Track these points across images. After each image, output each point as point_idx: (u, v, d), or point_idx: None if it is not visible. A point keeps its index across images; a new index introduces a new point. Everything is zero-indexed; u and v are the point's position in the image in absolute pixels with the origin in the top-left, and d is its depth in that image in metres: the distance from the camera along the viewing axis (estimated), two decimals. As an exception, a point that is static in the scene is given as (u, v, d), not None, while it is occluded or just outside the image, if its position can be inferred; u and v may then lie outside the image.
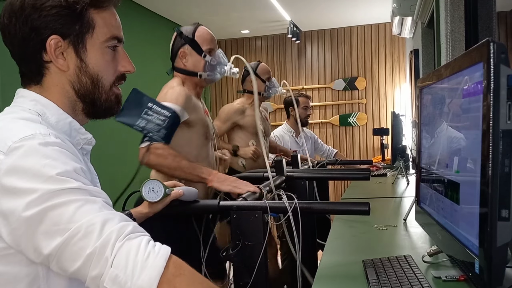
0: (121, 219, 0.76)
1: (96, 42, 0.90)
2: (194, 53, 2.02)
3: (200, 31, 2.05)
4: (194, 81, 2.04)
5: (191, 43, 2.01)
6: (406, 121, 4.14)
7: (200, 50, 2.02)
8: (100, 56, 0.91)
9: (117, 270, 0.70)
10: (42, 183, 0.73)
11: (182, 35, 2.03)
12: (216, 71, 2.06)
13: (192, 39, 2.02)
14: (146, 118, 1.76)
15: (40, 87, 0.90)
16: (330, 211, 1.73)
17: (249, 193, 1.58)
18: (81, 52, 0.89)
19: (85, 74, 0.90)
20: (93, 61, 0.90)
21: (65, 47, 0.88)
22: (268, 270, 1.37)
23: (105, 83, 0.92)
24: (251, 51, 5.92)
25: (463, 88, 0.98)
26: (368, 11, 4.94)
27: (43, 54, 0.87)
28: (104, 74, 0.92)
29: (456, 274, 1.10)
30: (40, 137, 0.78)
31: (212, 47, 2.05)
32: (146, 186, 1.26)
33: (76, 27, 0.87)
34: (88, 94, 0.91)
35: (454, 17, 2.05)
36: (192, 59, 2.02)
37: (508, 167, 0.79)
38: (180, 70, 2.04)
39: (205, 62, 2.02)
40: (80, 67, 0.89)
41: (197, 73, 2.02)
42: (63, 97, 0.91)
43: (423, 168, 1.37)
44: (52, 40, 0.86)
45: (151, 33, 4.57)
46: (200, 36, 2.03)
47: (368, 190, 2.80)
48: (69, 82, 0.90)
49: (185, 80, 2.04)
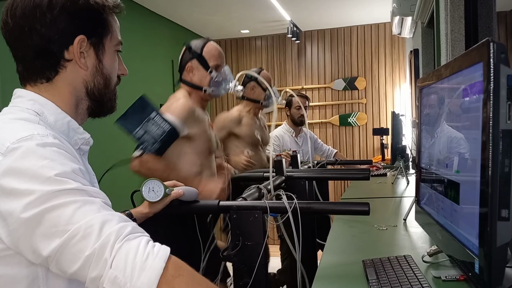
0: (120, 219, 0.76)
1: (111, 45, 0.95)
2: (201, 68, 2.06)
3: (208, 46, 2.09)
4: (199, 95, 2.09)
5: (199, 58, 2.06)
6: (406, 121, 4.14)
7: (207, 66, 2.06)
8: (112, 58, 0.97)
9: (116, 271, 0.70)
10: (40, 184, 0.73)
11: (191, 49, 2.08)
12: (221, 87, 2.10)
13: (200, 55, 2.06)
14: (145, 128, 1.78)
15: (49, 84, 0.90)
16: (330, 211, 1.73)
17: (247, 193, 1.58)
18: (101, 53, 0.93)
19: (101, 74, 0.94)
20: (108, 63, 0.95)
21: (87, 47, 0.91)
22: (268, 270, 1.37)
23: (113, 84, 0.97)
24: (251, 51, 5.92)
25: (463, 88, 0.98)
26: (368, 11, 4.94)
27: (65, 52, 0.89)
28: (113, 75, 0.97)
29: (456, 274, 1.10)
30: (38, 138, 0.78)
31: (219, 63, 2.09)
32: (146, 186, 1.25)
33: (99, 29, 0.92)
34: (99, 93, 0.95)
35: (454, 17, 2.05)
36: (198, 74, 2.07)
37: (508, 167, 0.79)
38: (187, 83, 2.09)
39: (210, 77, 2.06)
40: (97, 67, 0.93)
41: (202, 88, 2.06)
42: (71, 95, 0.92)
43: (423, 168, 1.37)
44: (80, 40, 0.89)
45: (151, 33, 4.57)
46: (208, 52, 2.07)
47: (368, 190, 2.80)
48: (83, 81, 0.93)
49: (191, 92, 2.08)
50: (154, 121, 1.77)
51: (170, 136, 1.82)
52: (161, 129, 1.78)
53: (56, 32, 0.87)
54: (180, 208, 1.40)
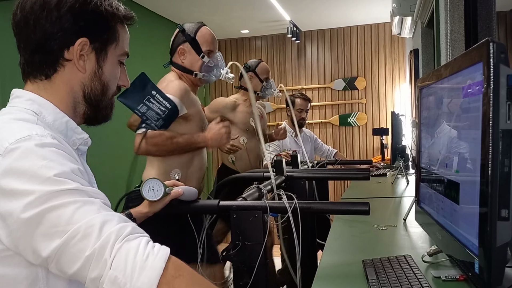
0: (120, 220, 0.76)
1: (114, 54, 0.95)
2: (193, 52, 2.04)
3: (202, 31, 2.06)
4: (189, 79, 2.06)
5: (192, 42, 2.03)
6: (405, 121, 4.14)
7: (200, 50, 2.03)
8: (114, 67, 0.97)
9: (116, 271, 0.70)
10: (40, 185, 0.73)
11: (184, 32, 2.04)
12: (212, 73, 2.08)
13: (193, 38, 2.04)
14: (148, 105, 1.79)
15: (47, 82, 0.91)
16: (330, 211, 1.73)
17: (247, 193, 1.58)
18: (102, 59, 0.93)
19: (99, 80, 0.94)
20: (108, 70, 0.95)
21: (89, 51, 0.91)
22: (268, 271, 1.37)
23: (110, 92, 0.98)
24: (251, 51, 5.92)
25: (462, 88, 0.98)
26: (368, 11, 4.94)
27: (65, 51, 0.89)
28: (112, 84, 0.97)
29: (456, 274, 1.10)
30: (37, 138, 0.78)
31: (211, 49, 2.06)
32: (146, 185, 1.25)
33: (104, 36, 0.93)
34: (95, 99, 0.95)
35: (454, 17, 2.05)
36: (190, 58, 2.04)
37: (508, 167, 0.79)
38: (177, 66, 2.06)
39: (202, 62, 2.04)
40: (96, 72, 0.93)
41: (193, 72, 2.04)
42: (69, 96, 0.92)
43: (423, 168, 1.37)
44: (82, 42, 0.89)
45: (151, 33, 4.57)
46: (201, 36, 2.05)
47: (368, 190, 2.80)
48: (81, 84, 0.93)
49: (181, 76, 2.06)
50: (156, 98, 1.79)
51: (172, 114, 1.83)
52: (164, 106, 1.80)
53: (59, 30, 0.88)
54: (180, 208, 1.40)
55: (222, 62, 2.11)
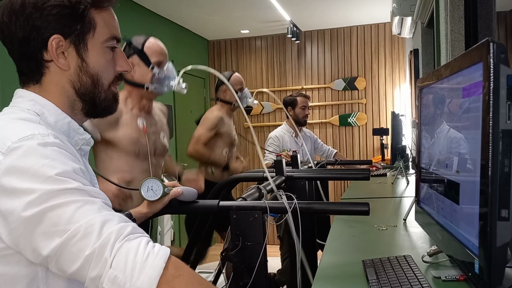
0: (120, 220, 0.76)
1: (97, 42, 0.90)
2: (142, 64, 1.96)
3: (150, 41, 2.00)
4: (140, 93, 1.98)
5: (140, 54, 1.96)
6: (406, 121, 4.14)
7: (148, 62, 1.96)
8: (100, 56, 0.91)
9: (116, 271, 0.70)
10: (41, 183, 0.73)
11: (131, 45, 1.98)
12: (164, 85, 1.99)
13: (141, 50, 1.97)
14: None
15: (39, 86, 0.90)
16: (330, 211, 1.72)
17: (247, 193, 1.58)
18: (82, 51, 0.89)
19: (86, 74, 0.90)
20: (94, 61, 0.90)
21: (66, 46, 0.88)
22: (268, 271, 1.37)
23: (104, 82, 0.93)
24: (251, 51, 5.92)
25: (462, 88, 0.98)
26: (368, 11, 4.94)
27: (44, 53, 0.87)
28: (103, 73, 0.92)
29: (456, 274, 1.10)
30: (39, 137, 0.78)
31: (161, 60, 1.99)
32: (145, 185, 1.25)
33: (78, 26, 0.88)
34: (88, 93, 0.92)
35: (454, 17, 2.05)
36: (139, 70, 1.96)
37: (508, 167, 0.79)
38: (127, 81, 1.98)
39: (152, 74, 1.96)
40: (81, 67, 0.89)
41: (143, 85, 1.96)
42: (62, 96, 0.91)
43: (423, 168, 1.37)
44: (54, 39, 0.86)
45: (151, 33, 4.57)
46: (149, 48, 1.98)
47: (368, 190, 2.80)
48: (70, 81, 0.90)
49: (132, 91, 1.98)
50: None
51: None
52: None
53: (30, 33, 0.86)
54: (180, 208, 1.40)
55: (173, 72, 2.03)
